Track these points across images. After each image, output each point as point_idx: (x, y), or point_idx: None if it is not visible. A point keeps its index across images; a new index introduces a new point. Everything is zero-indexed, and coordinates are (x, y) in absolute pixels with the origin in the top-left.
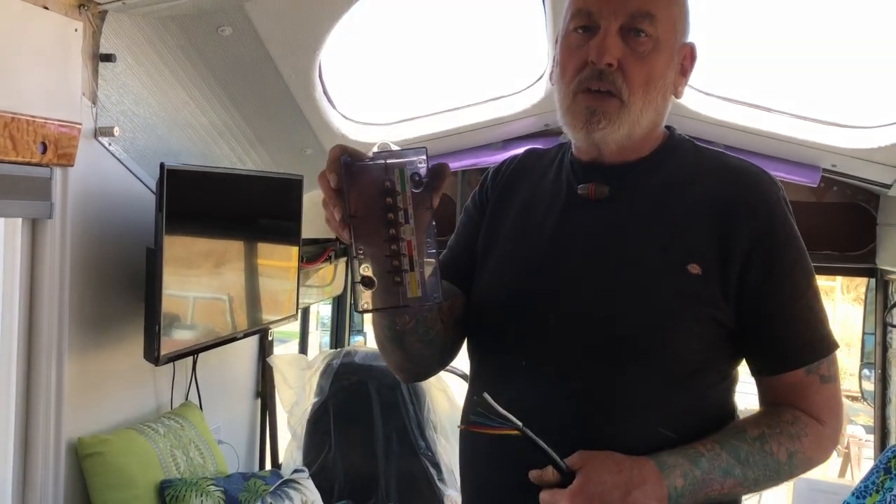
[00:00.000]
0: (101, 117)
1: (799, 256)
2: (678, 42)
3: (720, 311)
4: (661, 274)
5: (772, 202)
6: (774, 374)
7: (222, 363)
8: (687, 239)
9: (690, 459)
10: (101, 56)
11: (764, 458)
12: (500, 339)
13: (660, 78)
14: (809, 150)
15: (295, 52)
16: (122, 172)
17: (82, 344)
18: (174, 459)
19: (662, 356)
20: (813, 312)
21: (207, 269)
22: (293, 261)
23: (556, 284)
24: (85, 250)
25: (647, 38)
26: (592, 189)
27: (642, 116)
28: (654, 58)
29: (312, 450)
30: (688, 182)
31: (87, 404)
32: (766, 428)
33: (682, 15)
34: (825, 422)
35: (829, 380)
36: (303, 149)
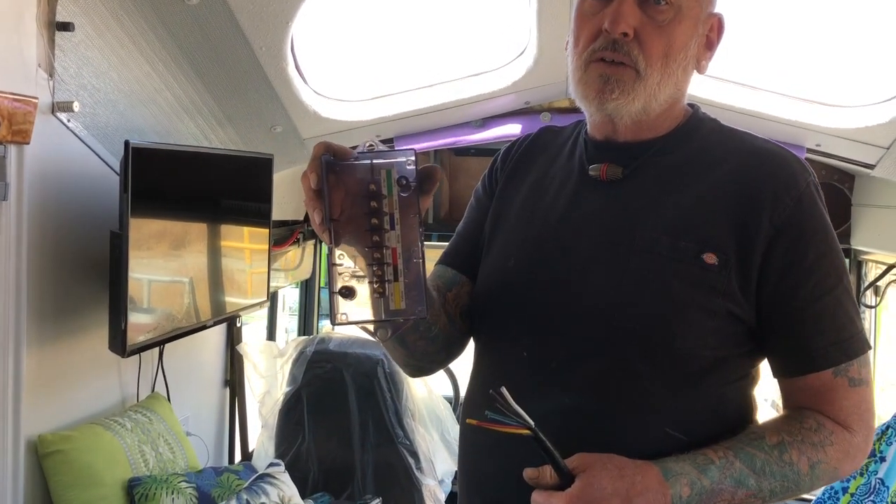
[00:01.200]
0: (59, 91)
1: (828, 249)
2: (703, 11)
3: (738, 305)
4: (674, 263)
5: (799, 189)
6: (798, 375)
7: (189, 352)
8: (704, 227)
9: (699, 467)
10: (58, 24)
11: (782, 469)
12: (501, 327)
13: (681, 50)
14: (794, 129)
15: (266, 22)
16: (83, 151)
17: (41, 335)
18: (142, 455)
19: (672, 352)
20: (842, 309)
21: (175, 254)
22: (264, 244)
23: (562, 272)
24: (43, 235)
25: (667, 5)
26: (604, 170)
27: (660, 90)
28: (675, 28)
29: (285, 440)
30: (708, 165)
31: (48, 399)
32: (787, 435)
33: None
34: (854, 429)
35: (860, 383)
36: (272, 126)
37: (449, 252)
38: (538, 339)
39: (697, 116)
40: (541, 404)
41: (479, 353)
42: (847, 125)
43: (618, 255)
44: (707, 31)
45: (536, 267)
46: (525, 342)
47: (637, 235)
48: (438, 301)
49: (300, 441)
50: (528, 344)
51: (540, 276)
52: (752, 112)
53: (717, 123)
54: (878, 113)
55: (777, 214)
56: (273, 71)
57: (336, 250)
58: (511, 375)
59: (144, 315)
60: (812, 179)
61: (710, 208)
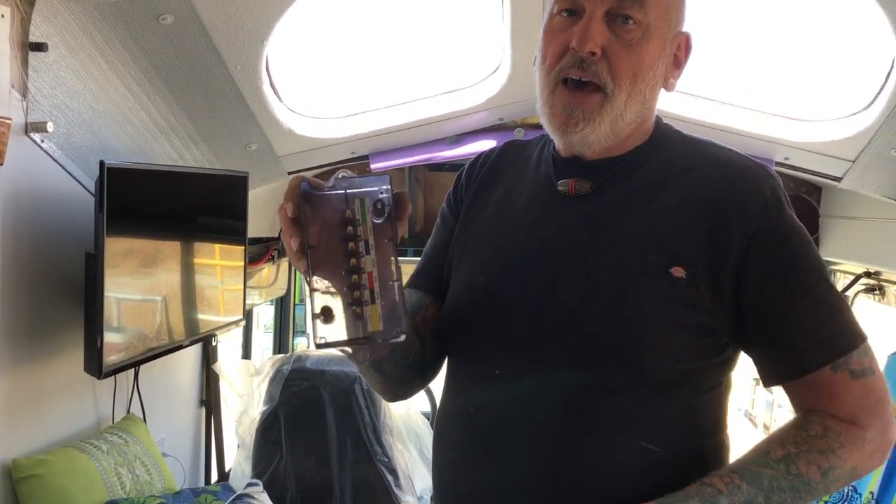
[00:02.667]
0: (33, 112)
1: (802, 250)
2: (671, 30)
3: (709, 317)
4: (642, 278)
5: (765, 196)
6: (794, 378)
7: (165, 371)
8: (671, 240)
9: (707, 501)
10: (32, 45)
11: (791, 482)
12: (473, 345)
13: (649, 69)
14: (763, 144)
15: (241, 41)
16: (57, 171)
17: (14, 357)
18: (119, 478)
19: (643, 366)
20: (827, 305)
21: (150, 273)
22: (240, 261)
23: (531, 288)
24: (17, 256)
25: (635, 24)
26: (572, 185)
27: (627, 110)
28: (643, 47)
29: (262, 459)
30: (675, 178)
31: (22, 422)
32: (792, 447)
33: (676, 2)
34: (864, 424)
35: (862, 374)
36: (248, 144)
37: (417, 273)
38: (510, 357)
39: (661, 129)
40: (518, 421)
41: (451, 370)
42: (814, 139)
43: (586, 271)
44: (675, 50)
45: (506, 283)
46: (497, 359)
47: (605, 251)
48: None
49: (278, 460)
50: (500, 360)
51: (510, 293)
52: (721, 127)
53: (680, 134)
54: (844, 127)
55: (747, 224)
56: (248, 89)
57: (314, 275)
58: (484, 393)
59: (120, 336)
60: (776, 183)
61: (677, 222)
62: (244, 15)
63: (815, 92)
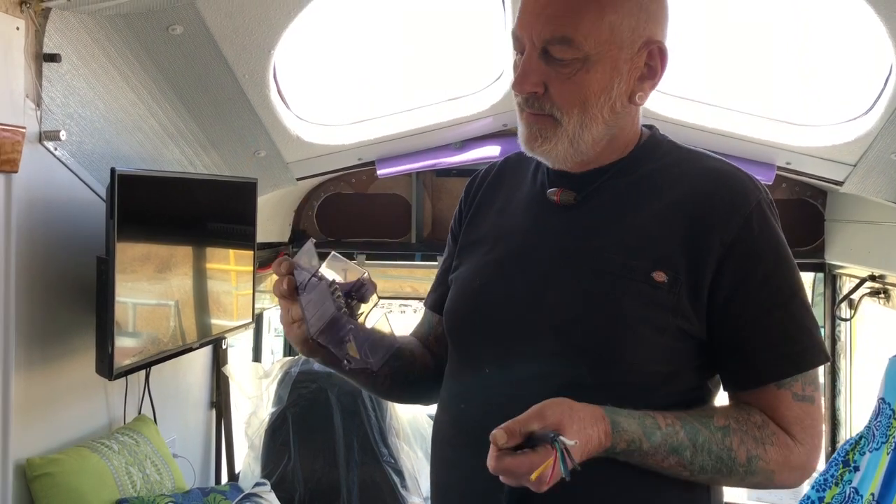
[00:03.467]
0: (46, 121)
1: (778, 265)
2: (625, 49)
3: (688, 321)
4: (624, 282)
5: (749, 208)
6: (747, 389)
7: (176, 373)
8: (654, 246)
9: (646, 432)
10: (45, 56)
11: (719, 451)
12: (466, 346)
13: (599, 94)
14: (764, 149)
15: (249, 51)
16: (70, 178)
17: (29, 359)
18: (130, 477)
19: (622, 367)
20: (795, 323)
21: (160, 278)
22: (249, 266)
23: (520, 291)
24: (31, 261)
25: (572, 59)
26: (558, 196)
27: (584, 132)
28: (585, 77)
29: (271, 460)
30: (661, 186)
31: (36, 423)
32: (734, 422)
33: (625, 19)
34: (798, 439)
35: (803, 399)
36: (256, 151)
37: (429, 293)
38: (499, 358)
39: (655, 139)
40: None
41: (447, 371)
42: (815, 144)
43: (571, 275)
44: (643, 62)
45: (498, 287)
46: (488, 360)
47: (590, 256)
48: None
49: (286, 461)
50: (490, 362)
51: (501, 297)
52: (723, 132)
53: (674, 145)
54: (844, 131)
55: (727, 233)
56: (256, 97)
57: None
58: (476, 393)
59: (130, 338)
60: (763, 197)
61: (661, 228)
62: (251, 25)
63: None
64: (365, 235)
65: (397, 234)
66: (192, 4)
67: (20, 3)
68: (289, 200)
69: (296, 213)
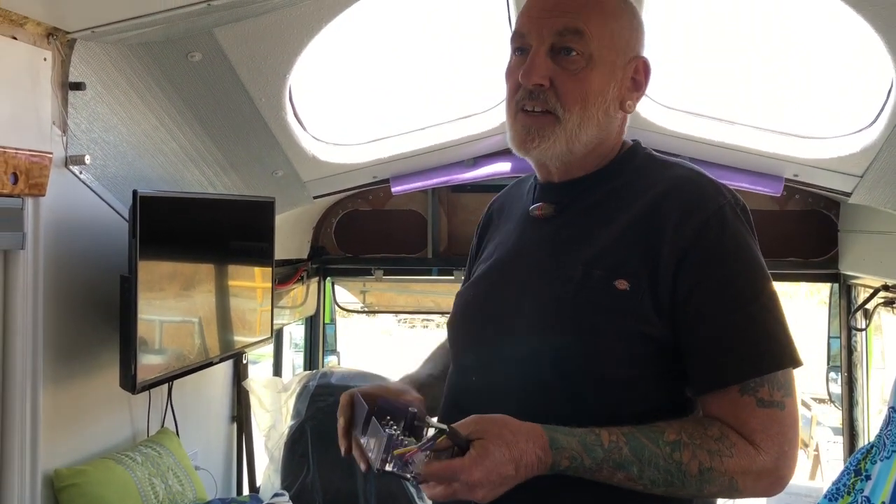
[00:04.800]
0: (72, 146)
1: (738, 269)
2: (620, 56)
3: (652, 326)
4: (587, 290)
5: (707, 213)
6: (706, 392)
7: (198, 388)
8: (617, 254)
9: (586, 447)
10: (71, 84)
11: (668, 465)
12: (459, 353)
13: (598, 94)
14: (771, 161)
15: (265, 76)
16: (94, 200)
17: (56, 374)
18: (153, 488)
19: (586, 373)
20: (754, 327)
21: (181, 295)
22: (267, 282)
23: (502, 302)
24: (58, 280)
25: (577, 55)
26: (540, 209)
27: (581, 132)
28: (588, 74)
29: (291, 472)
30: (632, 197)
31: (63, 435)
32: (686, 436)
33: (623, 29)
34: (760, 448)
35: (770, 405)
36: (274, 171)
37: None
38: (483, 365)
39: (633, 151)
40: None
41: (447, 378)
42: (822, 156)
43: (543, 285)
44: (631, 74)
45: (485, 299)
46: (474, 367)
47: (559, 267)
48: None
49: (305, 473)
50: (475, 369)
51: (486, 307)
52: (730, 145)
53: (650, 157)
54: (850, 143)
55: (682, 239)
56: (273, 120)
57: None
58: (464, 399)
59: (153, 353)
60: (726, 202)
61: (624, 237)
62: (267, 51)
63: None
64: (382, 251)
65: (414, 249)
66: (210, 33)
67: (47, 35)
68: (307, 218)
69: (314, 230)
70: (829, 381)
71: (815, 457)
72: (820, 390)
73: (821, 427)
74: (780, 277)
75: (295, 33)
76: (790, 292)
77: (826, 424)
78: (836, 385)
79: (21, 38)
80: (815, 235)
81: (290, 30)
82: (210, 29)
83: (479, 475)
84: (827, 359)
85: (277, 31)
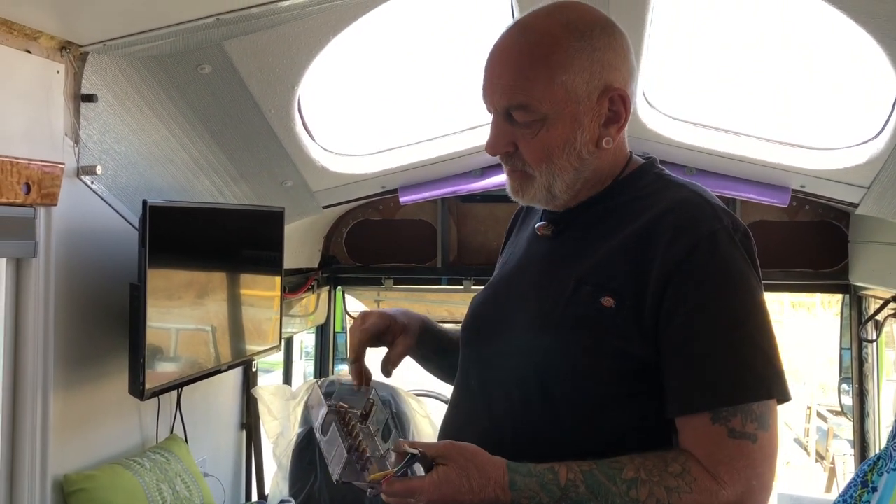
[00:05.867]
0: (84, 156)
1: (723, 295)
2: (581, 103)
3: (634, 345)
4: (574, 306)
5: (697, 236)
6: (674, 415)
7: (207, 395)
8: (607, 270)
9: (544, 487)
10: (83, 96)
11: (624, 502)
12: (463, 360)
13: (563, 147)
14: (778, 172)
15: (274, 87)
16: (105, 210)
17: (67, 380)
18: (160, 493)
19: (565, 388)
20: (731, 355)
21: (191, 303)
22: (276, 291)
23: (500, 314)
24: (69, 288)
25: (532, 121)
26: (541, 228)
27: (556, 181)
28: (547, 134)
29: (298, 480)
30: (632, 215)
31: (73, 441)
32: (644, 473)
33: (577, 76)
34: (724, 482)
35: (742, 436)
36: (283, 181)
37: None
38: (480, 373)
39: (641, 171)
40: (476, 430)
41: (453, 385)
42: (829, 166)
43: (535, 300)
44: (605, 110)
45: (488, 309)
46: (473, 374)
47: (553, 283)
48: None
49: (312, 480)
50: (474, 375)
51: (488, 317)
52: (736, 156)
53: (659, 176)
54: (857, 154)
55: (670, 260)
56: (282, 131)
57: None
58: (464, 403)
59: (161, 360)
60: (721, 227)
61: (616, 256)
62: (275, 64)
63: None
64: (392, 261)
65: (424, 258)
66: (219, 45)
67: (60, 49)
68: (318, 228)
69: (325, 240)
70: (840, 392)
71: (830, 469)
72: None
73: (837, 440)
74: (790, 288)
75: (303, 46)
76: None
77: (843, 437)
78: (849, 397)
79: (35, 51)
80: (825, 246)
81: (299, 43)
82: (219, 42)
83: (437, 496)
84: (839, 370)
85: (286, 44)
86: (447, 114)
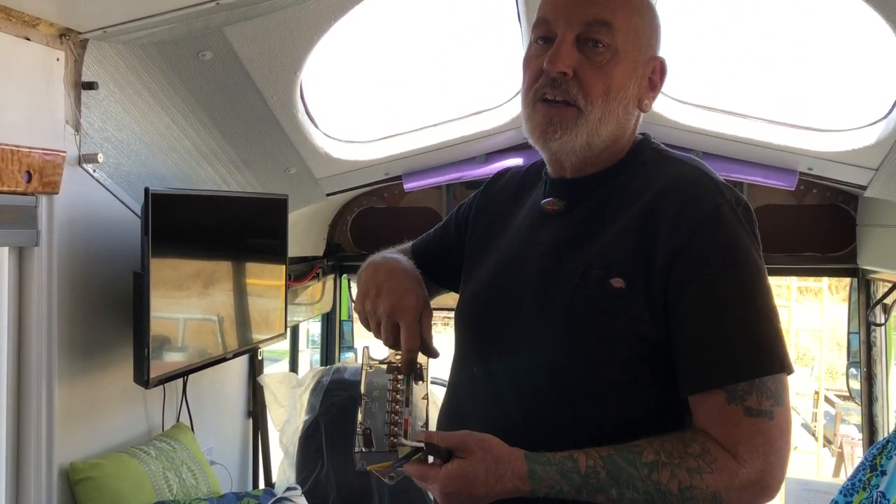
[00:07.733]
0: (85, 144)
1: (729, 270)
2: (642, 54)
3: (645, 326)
4: (583, 290)
5: (703, 213)
6: (689, 393)
7: (213, 384)
8: (613, 254)
9: (564, 476)
10: (84, 84)
11: (647, 486)
12: (462, 346)
13: (620, 88)
14: (785, 154)
15: (276, 73)
16: (107, 198)
17: (72, 369)
18: (167, 481)
19: (577, 374)
20: (742, 330)
21: (195, 291)
22: (281, 279)
23: (505, 297)
24: (72, 276)
25: (604, 48)
26: (550, 205)
27: (601, 126)
28: (613, 68)
29: (305, 467)
30: (637, 194)
31: (78, 429)
32: (665, 456)
33: (645, 27)
34: (744, 460)
35: (759, 414)
36: (287, 168)
37: (420, 240)
38: (484, 358)
39: (641, 146)
40: (482, 416)
41: (450, 370)
42: (836, 148)
43: (544, 284)
44: (650, 74)
45: (490, 292)
46: (475, 360)
47: (561, 265)
48: None
49: (319, 468)
50: (477, 362)
51: (491, 301)
52: (743, 139)
53: (657, 152)
54: (865, 136)
55: (676, 238)
56: (285, 118)
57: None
58: (465, 390)
59: (166, 349)
60: (724, 201)
61: (623, 236)
62: (277, 50)
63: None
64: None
65: None
66: (220, 32)
67: (60, 36)
68: (323, 215)
69: (330, 228)
70: (849, 377)
71: (838, 454)
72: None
73: (845, 424)
74: (797, 272)
75: (304, 31)
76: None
77: (851, 422)
78: (857, 381)
79: (34, 38)
80: (833, 230)
81: (300, 28)
82: (220, 27)
83: (452, 489)
84: (847, 354)
85: (287, 30)
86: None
